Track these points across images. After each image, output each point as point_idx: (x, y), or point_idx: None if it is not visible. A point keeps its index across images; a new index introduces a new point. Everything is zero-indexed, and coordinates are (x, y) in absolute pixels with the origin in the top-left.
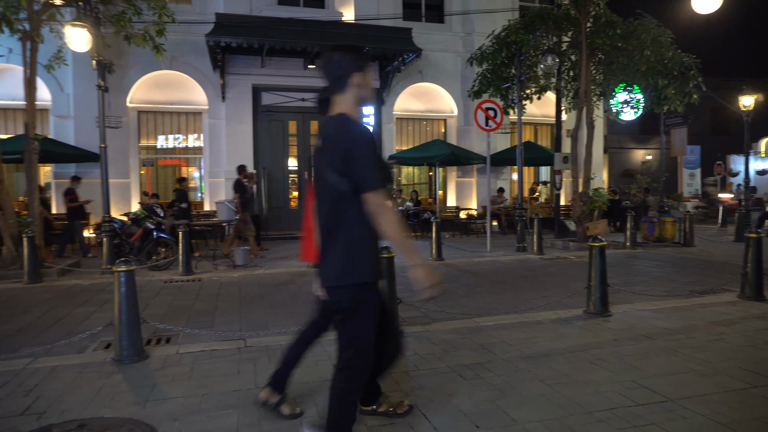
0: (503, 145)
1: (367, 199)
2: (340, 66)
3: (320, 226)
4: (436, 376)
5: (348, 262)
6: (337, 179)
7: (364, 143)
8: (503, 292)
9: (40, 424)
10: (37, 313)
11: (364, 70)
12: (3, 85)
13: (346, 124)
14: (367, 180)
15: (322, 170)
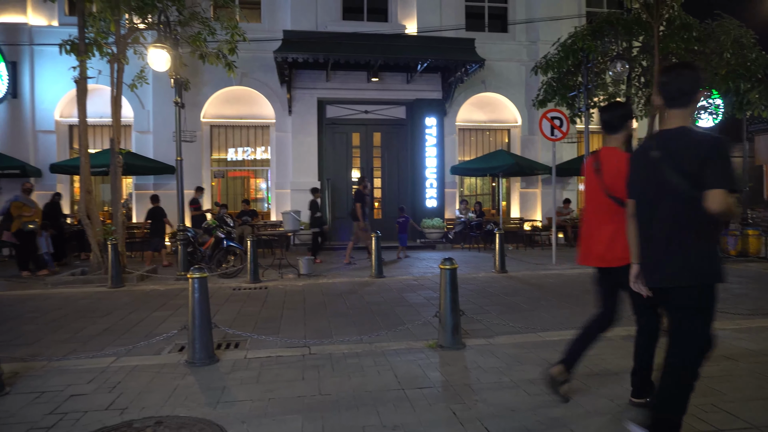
0: (570, 155)
1: (713, 197)
2: (689, 83)
3: (659, 229)
4: (500, 390)
5: (703, 263)
6: (689, 185)
7: (724, 148)
8: (570, 307)
9: (122, 419)
10: (120, 316)
11: (702, 87)
12: (92, 104)
13: (699, 133)
14: (723, 180)
15: (664, 178)
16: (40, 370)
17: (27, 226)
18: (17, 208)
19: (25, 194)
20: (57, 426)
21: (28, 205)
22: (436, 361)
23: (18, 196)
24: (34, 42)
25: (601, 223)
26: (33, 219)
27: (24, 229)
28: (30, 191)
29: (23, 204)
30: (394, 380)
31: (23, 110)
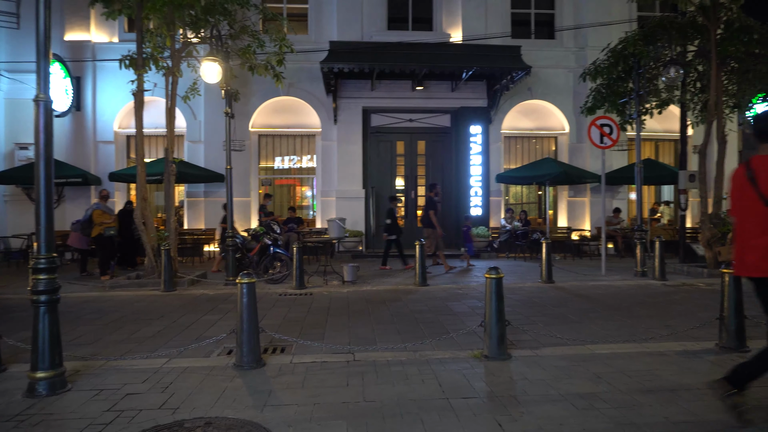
0: (620, 163)
1: None
2: None
3: None
4: (546, 403)
5: None
6: None
7: None
8: (620, 319)
9: (174, 418)
10: (172, 319)
11: None
12: (148, 116)
13: None
14: None
15: None
16: (98, 369)
17: (108, 232)
18: (99, 216)
19: (103, 201)
20: (114, 423)
21: (108, 212)
22: (481, 371)
23: (98, 203)
24: (97, 58)
25: (758, 232)
26: (112, 225)
27: (105, 235)
28: (107, 198)
29: (104, 211)
30: (438, 389)
31: (85, 122)
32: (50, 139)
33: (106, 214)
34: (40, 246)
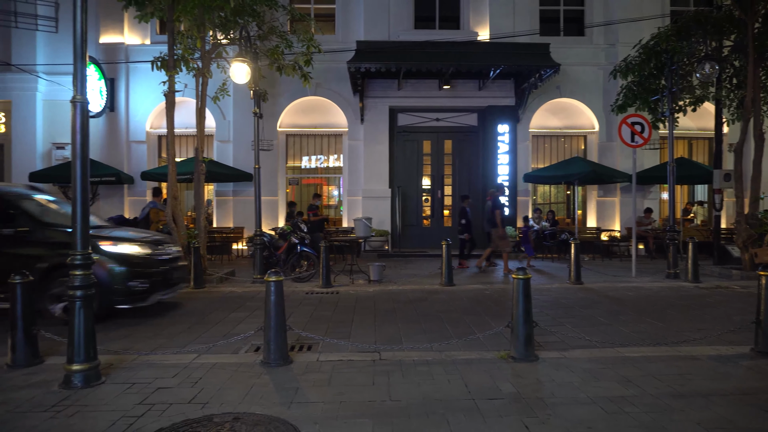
0: (651, 162)
1: None
2: None
3: None
4: (574, 405)
5: None
6: None
7: None
8: (650, 322)
9: (203, 413)
10: (201, 315)
11: None
12: (179, 116)
13: None
14: None
15: None
16: (130, 363)
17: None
18: (156, 214)
19: (158, 199)
20: (146, 416)
21: (163, 210)
22: (508, 372)
23: (154, 202)
24: (130, 60)
25: None
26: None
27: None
28: (161, 196)
29: (159, 209)
30: (464, 390)
31: (119, 122)
32: (86, 139)
33: (161, 212)
34: (75, 243)
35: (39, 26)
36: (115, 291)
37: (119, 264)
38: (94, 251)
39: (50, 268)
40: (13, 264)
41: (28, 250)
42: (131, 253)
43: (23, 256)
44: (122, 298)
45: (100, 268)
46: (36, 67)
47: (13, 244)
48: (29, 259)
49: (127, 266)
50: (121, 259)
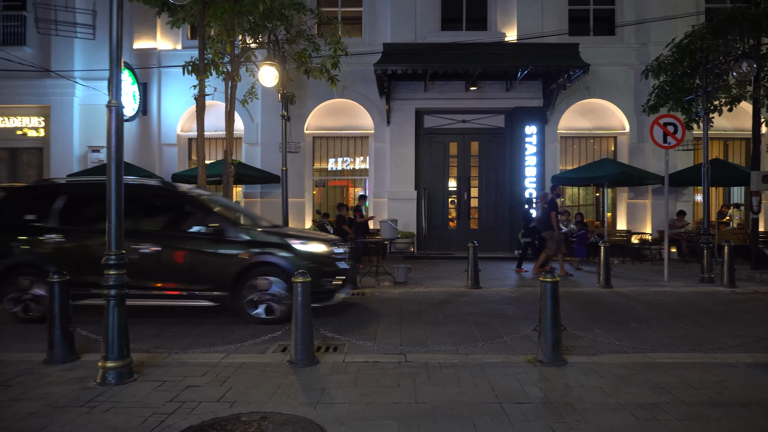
0: (685, 164)
1: None
2: None
3: None
4: (604, 411)
5: None
6: None
7: None
8: (684, 327)
9: (232, 411)
10: (230, 315)
11: None
12: (208, 119)
13: None
14: None
15: None
16: (162, 361)
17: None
18: None
19: None
20: (176, 413)
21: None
22: (536, 376)
23: None
24: (162, 64)
25: None
26: None
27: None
28: None
29: None
30: (491, 393)
31: (151, 126)
32: (121, 142)
33: None
34: (110, 243)
35: (77, 33)
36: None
37: (311, 262)
38: (287, 250)
39: (246, 268)
40: (212, 264)
41: (226, 249)
42: (320, 252)
43: (220, 256)
44: (313, 297)
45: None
46: (73, 72)
47: (210, 244)
48: (225, 258)
49: (317, 264)
50: (311, 257)
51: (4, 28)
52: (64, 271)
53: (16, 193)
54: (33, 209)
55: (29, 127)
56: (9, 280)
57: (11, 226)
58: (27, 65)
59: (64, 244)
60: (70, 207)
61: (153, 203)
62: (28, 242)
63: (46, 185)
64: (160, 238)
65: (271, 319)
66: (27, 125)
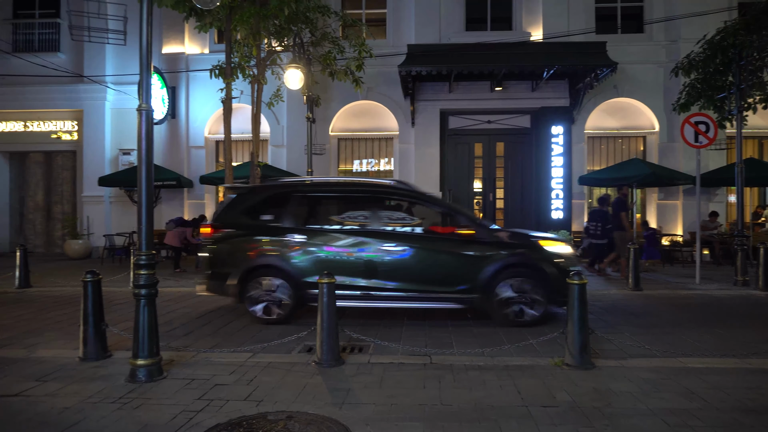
0: (717, 163)
1: None
2: None
3: None
4: (634, 417)
5: None
6: None
7: None
8: (717, 332)
9: (258, 410)
10: (254, 316)
11: None
12: (235, 122)
13: None
14: None
15: None
16: (190, 360)
17: None
18: None
19: None
20: (204, 411)
21: None
22: (563, 380)
23: None
24: (190, 68)
25: None
26: None
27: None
28: None
29: None
30: (517, 396)
31: (179, 129)
32: (151, 145)
33: None
34: (140, 244)
35: (109, 40)
36: (557, 292)
37: (561, 264)
38: (537, 251)
39: (501, 269)
40: (464, 266)
41: (479, 251)
42: (566, 254)
43: (475, 258)
44: (562, 299)
45: (548, 269)
46: (105, 77)
47: (464, 245)
48: (478, 260)
49: (563, 265)
50: (559, 259)
51: (40, 36)
52: (96, 271)
53: (248, 193)
54: (267, 209)
55: (63, 131)
56: (249, 282)
57: (249, 227)
58: (61, 71)
59: (305, 245)
60: (305, 206)
61: (393, 203)
62: (269, 243)
63: (280, 185)
64: (408, 239)
65: (525, 322)
66: (61, 129)
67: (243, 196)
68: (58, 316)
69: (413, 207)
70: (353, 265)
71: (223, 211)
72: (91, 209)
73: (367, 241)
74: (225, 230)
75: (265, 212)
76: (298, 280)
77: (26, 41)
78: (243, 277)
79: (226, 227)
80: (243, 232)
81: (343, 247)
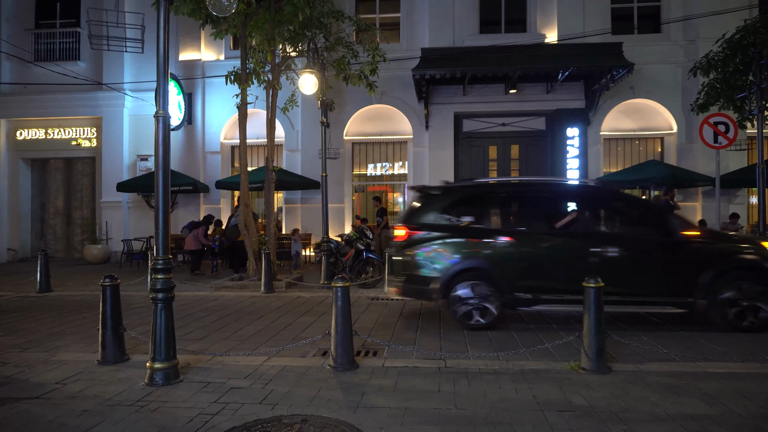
0: (738, 164)
1: None
2: None
3: None
4: (651, 422)
5: None
6: None
7: None
8: (737, 336)
9: (273, 413)
10: (271, 319)
11: None
12: (250, 127)
13: None
14: None
15: None
16: (206, 363)
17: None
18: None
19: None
20: (220, 413)
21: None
22: (579, 384)
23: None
24: (206, 75)
25: None
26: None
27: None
28: None
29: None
30: (532, 400)
31: (196, 134)
32: (168, 150)
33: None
34: (157, 248)
35: (127, 48)
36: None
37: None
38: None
39: (721, 273)
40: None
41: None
42: None
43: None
44: None
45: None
46: (123, 85)
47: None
48: (702, 264)
49: None
50: None
51: (61, 45)
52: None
53: (443, 194)
54: (465, 210)
55: (83, 138)
56: (454, 285)
57: (449, 229)
58: (81, 79)
59: (511, 247)
60: (507, 207)
61: (598, 204)
62: (473, 246)
63: (478, 185)
64: (622, 241)
65: (753, 326)
66: (81, 136)
67: (437, 196)
68: (78, 320)
69: (620, 207)
70: (564, 268)
71: (415, 213)
72: (110, 214)
73: (578, 243)
74: (421, 232)
75: (462, 213)
76: (506, 283)
77: (47, 50)
78: (447, 280)
79: (421, 229)
80: (443, 234)
81: (552, 250)
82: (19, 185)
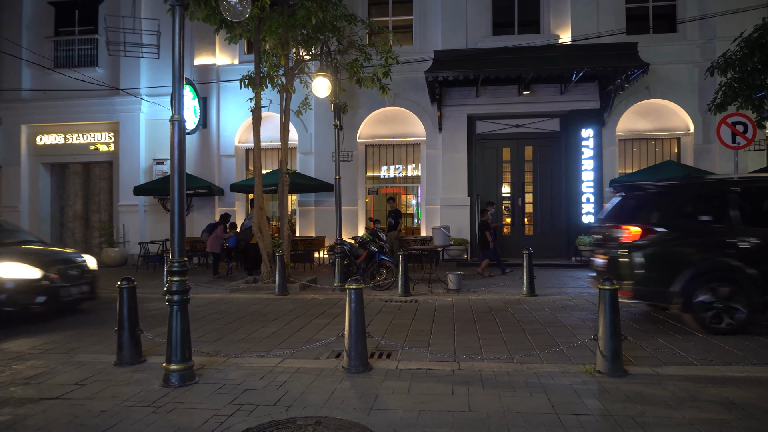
0: (757, 164)
1: None
2: None
3: None
4: (668, 427)
5: None
6: None
7: None
8: (757, 339)
9: (287, 415)
10: (285, 321)
11: None
12: (264, 130)
13: None
14: None
15: None
16: (221, 365)
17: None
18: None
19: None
20: (235, 415)
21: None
22: (594, 387)
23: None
24: (220, 79)
25: None
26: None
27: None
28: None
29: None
30: (547, 403)
31: (210, 138)
32: (183, 154)
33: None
34: (173, 251)
35: (143, 54)
36: None
37: None
38: None
39: None
40: None
41: None
42: None
43: None
44: None
45: None
46: (140, 90)
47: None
48: None
49: None
50: None
51: (79, 51)
52: (132, 278)
53: (675, 192)
54: (702, 208)
55: (100, 142)
56: (696, 289)
57: (686, 228)
58: (99, 84)
59: (760, 248)
60: (751, 205)
61: None
62: (717, 246)
63: (718, 182)
64: None
65: None
66: (98, 140)
67: (667, 195)
68: (95, 321)
69: None
70: None
71: (638, 211)
72: (127, 218)
73: None
74: (657, 232)
75: (698, 212)
76: (755, 286)
77: (66, 57)
78: (689, 283)
79: (657, 229)
80: (680, 234)
81: None
82: (39, 190)
